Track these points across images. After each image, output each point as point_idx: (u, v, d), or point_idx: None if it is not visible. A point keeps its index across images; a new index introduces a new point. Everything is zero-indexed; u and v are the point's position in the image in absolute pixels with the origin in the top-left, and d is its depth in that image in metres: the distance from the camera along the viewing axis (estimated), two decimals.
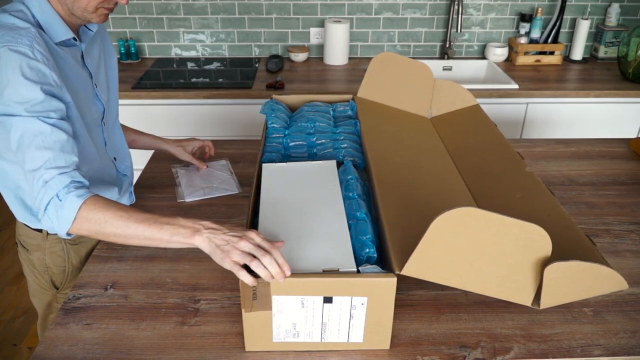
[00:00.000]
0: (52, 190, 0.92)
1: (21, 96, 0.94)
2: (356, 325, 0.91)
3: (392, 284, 0.86)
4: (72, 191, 0.93)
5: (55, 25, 1.04)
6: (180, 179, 1.47)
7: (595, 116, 2.31)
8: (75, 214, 0.92)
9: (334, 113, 1.48)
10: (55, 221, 0.93)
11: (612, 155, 1.66)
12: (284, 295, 0.87)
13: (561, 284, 0.89)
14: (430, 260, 0.85)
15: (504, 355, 0.94)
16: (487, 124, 1.45)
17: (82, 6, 1.03)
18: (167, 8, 2.52)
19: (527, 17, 2.55)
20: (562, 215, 1.06)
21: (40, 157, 0.94)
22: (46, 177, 0.93)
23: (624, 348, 0.95)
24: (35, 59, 0.96)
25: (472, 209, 0.81)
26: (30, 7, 1.02)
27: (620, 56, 2.38)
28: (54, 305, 1.30)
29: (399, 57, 1.54)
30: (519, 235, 0.84)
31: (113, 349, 0.94)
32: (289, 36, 2.61)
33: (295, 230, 0.98)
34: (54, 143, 0.95)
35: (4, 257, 2.56)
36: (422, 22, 2.61)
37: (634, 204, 1.39)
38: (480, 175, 1.26)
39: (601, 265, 0.87)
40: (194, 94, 2.19)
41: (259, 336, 0.92)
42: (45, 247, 1.22)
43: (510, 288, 0.90)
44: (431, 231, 0.82)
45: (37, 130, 0.94)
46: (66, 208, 0.92)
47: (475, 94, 2.22)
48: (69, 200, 0.92)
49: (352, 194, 1.08)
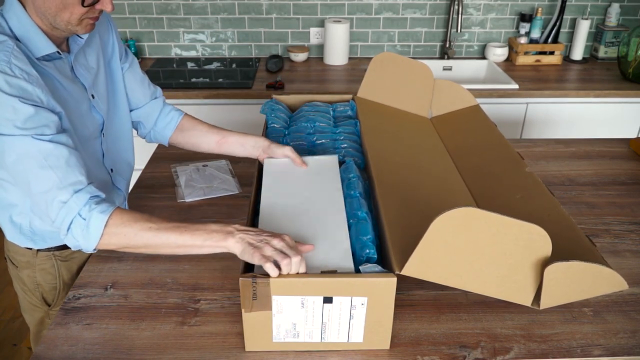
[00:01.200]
0: (73, 210, 0.90)
1: (7, 113, 0.88)
2: (356, 326, 0.91)
3: (392, 284, 0.86)
4: (94, 208, 0.91)
5: (35, 40, 0.97)
6: (180, 179, 1.47)
7: (595, 116, 2.31)
8: (103, 231, 0.90)
9: (334, 113, 1.48)
10: (81, 240, 0.91)
11: (612, 155, 1.66)
12: (284, 295, 0.87)
13: (561, 284, 0.88)
14: (430, 260, 0.85)
15: (504, 355, 0.94)
16: (487, 124, 1.45)
17: (65, 19, 0.96)
18: (167, 8, 2.52)
19: (527, 17, 2.55)
20: (562, 215, 1.06)
21: (47, 177, 0.90)
22: (62, 197, 0.90)
23: (624, 348, 0.95)
24: (14, 76, 0.89)
25: (472, 209, 0.81)
26: (7, 19, 0.95)
27: (620, 56, 2.38)
28: (46, 321, 1.26)
29: (399, 57, 1.54)
30: (519, 235, 0.84)
31: (113, 349, 0.94)
32: (289, 36, 2.61)
33: (296, 231, 0.98)
34: (57, 160, 0.91)
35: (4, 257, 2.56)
36: (422, 22, 2.61)
37: (634, 204, 1.39)
38: (480, 176, 1.26)
39: (601, 266, 0.87)
40: (194, 94, 2.19)
41: (259, 336, 0.92)
42: (35, 264, 1.18)
43: (510, 288, 0.90)
44: (431, 231, 0.82)
45: (36, 150, 0.90)
46: (92, 226, 0.90)
47: (475, 94, 2.22)
48: (94, 218, 0.90)
49: (353, 192, 1.08)
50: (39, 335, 1.29)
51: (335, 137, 1.33)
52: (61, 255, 1.20)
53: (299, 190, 1.10)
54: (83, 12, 0.97)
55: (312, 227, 0.99)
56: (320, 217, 1.02)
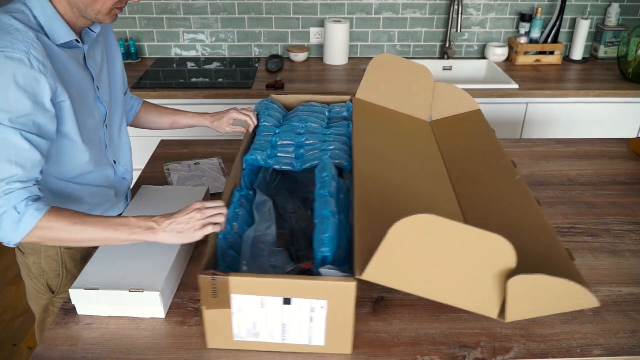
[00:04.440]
0: (10, 202, 0.93)
1: (8, 105, 0.93)
2: (317, 328, 0.90)
3: (352, 288, 0.85)
4: (30, 205, 0.94)
5: (57, 27, 1.02)
6: (172, 177, 1.48)
7: (595, 116, 2.31)
8: (31, 229, 0.94)
9: (329, 114, 1.47)
10: (9, 232, 0.94)
11: (612, 155, 1.66)
12: (243, 294, 0.86)
13: (527, 298, 0.86)
14: (391, 267, 0.83)
15: (504, 355, 0.94)
16: (485, 130, 1.43)
17: (97, 9, 1.03)
18: (167, 8, 2.52)
19: (527, 17, 2.55)
20: (545, 226, 1.03)
21: (8, 170, 0.94)
22: (6, 189, 0.93)
23: (624, 348, 0.96)
24: (30, 67, 0.94)
25: (432, 216, 0.79)
26: (32, 8, 1.00)
27: (620, 56, 2.38)
28: (50, 309, 1.29)
29: (398, 59, 1.52)
30: (481, 245, 0.82)
31: (113, 349, 0.94)
32: (289, 36, 2.61)
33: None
34: (26, 161, 0.95)
35: (4, 257, 2.56)
36: (422, 22, 2.61)
37: (634, 204, 1.40)
38: (470, 183, 1.24)
39: (568, 281, 0.83)
40: (194, 94, 2.19)
41: (221, 334, 0.92)
42: (40, 251, 1.21)
43: (475, 299, 0.88)
44: (390, 237, 0.81)
45: (15, 143, 0.94)
46: (24, 221, 0.93)
47: (475, 94, 2.23)
48: (28, 214, 0.93)
49: (323, 191, 1.07)
50: (43, 323, 1.32)
51: (324, 139, 1.32)
52: None
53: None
54: (115, 2, 1.03)
55: (141, 251, 1.05)
56: (152, 245, 1.04)
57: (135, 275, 1.00)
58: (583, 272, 1.14)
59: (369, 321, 1.01)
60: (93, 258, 1.06)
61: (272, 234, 1.03)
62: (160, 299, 0.97)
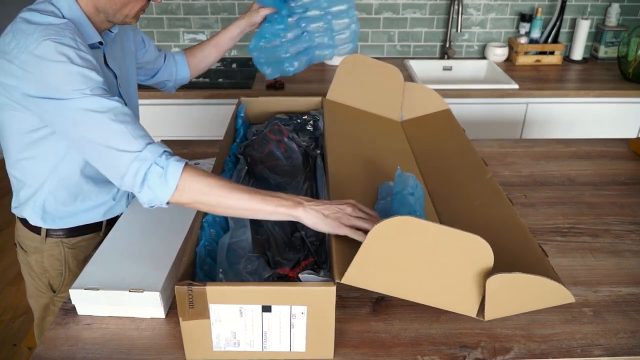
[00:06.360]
0: (148, 159, 0.90)
1: (77, 83, 0.91)
2: (297, 335, 0.89)
3: (332, 292, 0.84)
4: (170, 157, 0.92)
5: (84, 27, 1.02)
6: None
7: (595, 116, 2.31)
8: (179, 180, 0.91)
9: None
10: (158, 190, 0.91)
11: (612, 155, 1.66)
12: (221, 304, 0.85)
13: (505, 296, 0.87)
14: (370, 270, 0.84)
15: (504, 355, 0.94)
16: (455, 128, 1.44)
17: (125, 13, 1.04)
18: (167, 8, 2.52)
19: (527, 17, 2.55)
20: (517, 224, 1.04)
21: (118, 130, 0.91)
22: (135, 148, 0.91)
23: (624, 348, 0.95)
24: (81, 50, 0.94)
25: (409, 217, 0.80)
26: (59, 7, 1.00)
27: (620, 56, 2.38)
28: (50, 308, 1.29)
29: (368, 60, 1.53)
30: (459, 245, 0.82)
31: (113, 349, 0.94)
32: None
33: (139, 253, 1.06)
34: (125, 117, 0.93)
35: (4, 257, 2.56)
36: (422, 22, 2.61)
37: (634, 204, 1.39)
38: (443, 181, 1.24)
39: (545, 278, 0.85)
40: (194, 94, 2.19)
41: (199, 345, 0.90)
42: (43, 250, 1.21)
43: (454, 299, 0.88)
44: (369, 240, 0.81)
45: (105, 107, 0.91)
46: (170, 174, 0.90)
47: (475, 94, 2.23)
48: (172, 166, 0.91)
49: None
50: (43, 322, 1.32)
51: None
52: (69, 242, 1.22)
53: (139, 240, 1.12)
54: (144, 6, 1.05)
55: (141, 251, 1.06)
56: (152, 245, 1.04)
57: (135, 275, 1.00)
58: (583, 272, 1.14)
59: (369, 321, 1.01)
60: (93, 258, 1.06)
61: (248, 240, 1.02)
62: (160, 299, 0.97)
